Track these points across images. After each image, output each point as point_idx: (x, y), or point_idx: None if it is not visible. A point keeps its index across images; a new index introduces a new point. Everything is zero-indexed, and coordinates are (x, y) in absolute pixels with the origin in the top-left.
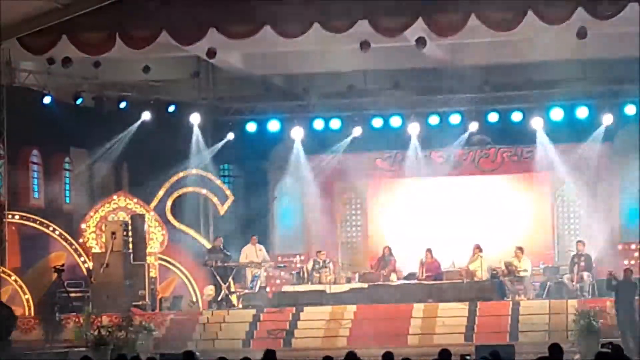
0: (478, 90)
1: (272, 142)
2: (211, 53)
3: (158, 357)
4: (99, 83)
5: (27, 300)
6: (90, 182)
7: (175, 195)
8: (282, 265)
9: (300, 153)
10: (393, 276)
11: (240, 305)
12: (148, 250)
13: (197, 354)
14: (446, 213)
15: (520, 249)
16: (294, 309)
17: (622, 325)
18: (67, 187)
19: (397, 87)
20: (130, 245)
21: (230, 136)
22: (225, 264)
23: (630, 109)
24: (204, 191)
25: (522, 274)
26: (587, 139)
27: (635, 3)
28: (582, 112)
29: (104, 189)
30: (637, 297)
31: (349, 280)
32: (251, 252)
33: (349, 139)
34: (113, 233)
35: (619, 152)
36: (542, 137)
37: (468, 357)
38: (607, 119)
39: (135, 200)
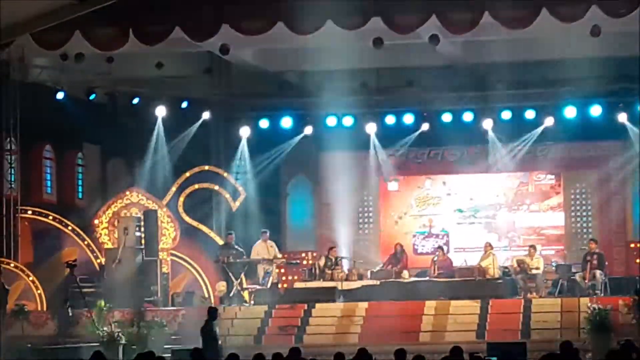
0: (491, 88)
1: (284, 138)
2: (224, 49)
3: (170, 352)
4: (112, 79)
5: (40, 296)
6: (103, 178)
7: (187, 191)
8: (294, 262)
9: (312, 150)
10: (405, 273)
11: (252, 302)
12: (160, 246)
13: None
14: (459, 210)
15: (533, 246)
16: (306, 305)
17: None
18: (80, 182)
19: (410, 84)
20: (143, 241)
21: (243, 132)
22: (237, 260)
23: None
24: (216, 187)
25: (534, 271)
26: (600, 137)
27: None
28: (595, 110)
29: (117, 184)
30: None
31: (360, 277)
32: (262, 249)
33: (361, 136)
34: (125, 229)
35: (631, 150)
36: (555, 135)
37: (478, 355)
38: (621, 117)
39: (148, 196)
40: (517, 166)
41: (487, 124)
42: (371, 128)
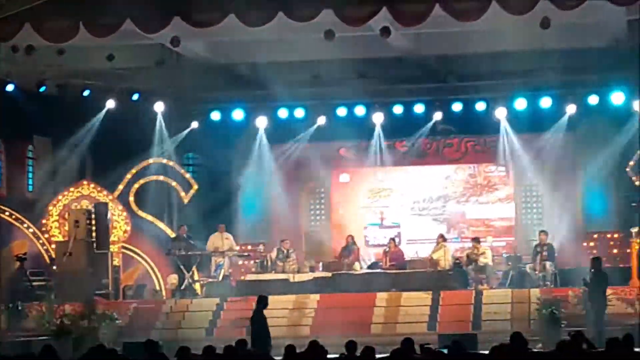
0: (442, 80)
1: (236, 131)
2: (175, 41)
3: (121, 345)
4: (62, 71)
5: None
6: (53, 171)
7: (138, 184)
8: (246, 254)
9: (264, 142)
10: (356, 265)
11: (204, 294)
12: (111, 238)
13: (160, 342)
14: (410, 202)
15: (476, 239)
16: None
17: (590, 315)
18: (31, 175)
19: (362, 76)
20: (94, 234)
21: (195, 125)
22: (189, 253)
23: (593, 99)
24: (167, 180)
25: (482, 260)
26: (551, 129)
27: None
28: (545, 102)
29: (68, 177)
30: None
31: (312, 269)
32: (218, 241)
33: (313, 128)
34: (76, 221)
35: (582, 142)
36: (505, 127)
37: (429, 346)
38: (570, 108)
39: (99, 188)
40: (467, 158)
41: (438, 115)
42: (323, 120)
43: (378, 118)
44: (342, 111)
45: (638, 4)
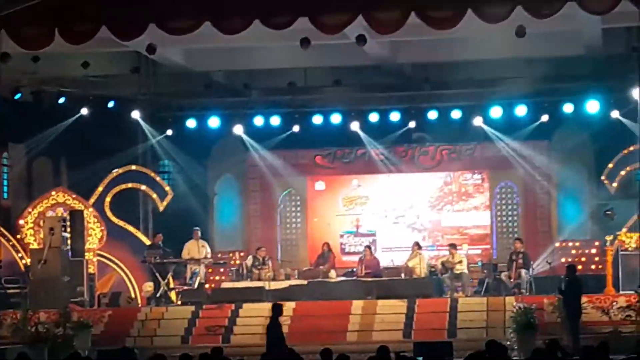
0: (418, 88)
1: (212, 138)
2: (151, 49)
3: (96, 353)
4: (38, 78)
5: None
6: (28, 178)
7: (114, 191)
8: (221, 262)
9: (240, 149)
10: (332, 273)
11: (179, 302)
12: (87, 246)
13: (135, 350)
14: (386, 210)
15: (453, 245)
16: (233, 305)
17: (565, 323)
18: (5, 182)
19: (338, 84)
20: (69, 241)
21: (170, 132)
22: (165, 261)
23: (568, 107)
24: (143, 187)
25: (458, 267)
26: (526, 137)
27: (574, 2)
28: (520, 110)
29: (43, 184)
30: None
31: (288, 277)
32: (193, 248)
33: (288, 136)
34: (51, 229)
35: (557, 150)
36: (482, 135)
37: (404, 354)
38: (546, 117)
39: (74, 196)
40: (442, 166)
41: (414, 123)
42: (298, 127)
43: (354, 125)
44: (317, 119)
45: (612, 12)
